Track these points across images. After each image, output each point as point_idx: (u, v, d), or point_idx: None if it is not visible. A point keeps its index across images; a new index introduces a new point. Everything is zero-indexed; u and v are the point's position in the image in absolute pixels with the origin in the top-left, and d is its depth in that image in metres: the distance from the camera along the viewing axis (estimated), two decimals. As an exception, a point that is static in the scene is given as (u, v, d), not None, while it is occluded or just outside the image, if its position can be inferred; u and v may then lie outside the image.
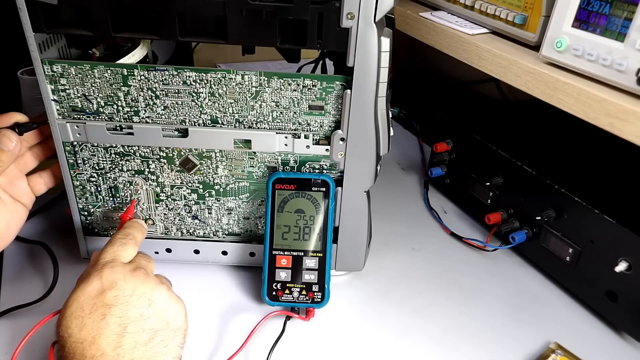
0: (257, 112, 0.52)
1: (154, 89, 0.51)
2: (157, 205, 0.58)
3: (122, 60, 0.51)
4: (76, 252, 0.61)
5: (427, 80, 1.08)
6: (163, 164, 0.55)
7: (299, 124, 0.53)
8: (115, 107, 0.52)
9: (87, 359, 0.39)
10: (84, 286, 0.42)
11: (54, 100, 0.51)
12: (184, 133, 0.53)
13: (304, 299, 0.55)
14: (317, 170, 0.56)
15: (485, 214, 0.67)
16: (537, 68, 0.54)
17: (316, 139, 0.54)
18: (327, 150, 0.54)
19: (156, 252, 0.60)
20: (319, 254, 0.55)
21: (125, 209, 0.55)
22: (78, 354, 0.39)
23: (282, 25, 0.47)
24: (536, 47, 0.57)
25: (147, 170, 0.55)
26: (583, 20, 0.50)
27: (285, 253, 0.56)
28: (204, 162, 0.55)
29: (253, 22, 0.47)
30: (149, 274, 0.46)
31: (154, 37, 0.48)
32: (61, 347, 0.40)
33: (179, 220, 0.58)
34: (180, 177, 0.56)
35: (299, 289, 0.55)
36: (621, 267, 0.54)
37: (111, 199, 0.57)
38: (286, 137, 0.53)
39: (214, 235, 0.60)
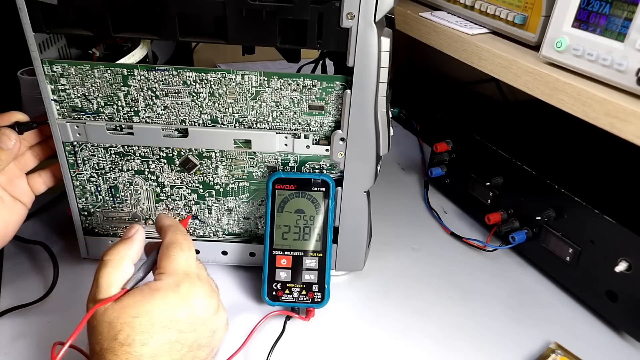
0: (257, 112, 0.52)
1: (154, 89, 0.51)
2: (157, 205, 0.58)
3: (122, 60, 0.51)
4: (76, 252, 0.61)
5: (427, 80, 1.08)
6: (163, 164, 0.55)
7: (299, 124, 0.53)
8: (115, 107, 0.52)
9: None
10: (162, 298, 0.40)
11: (54, 100, 0.51)
12: (184, 133, 0.53)
13: (304, 299, 0.55)
14: (317, 170, 0.56)
15: (485, 214, 0.67)
16: (537, 68, 0.54)
17: (316, 139, 0.54)
18: (327, 150, 0.54)
19: (156, 252, 0.60)
20: (319, 254, 0.55)
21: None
22: None
23: (282, 25, 0.47)
24: (536, 47, 0.57)
25: (147, 170, 0.55)
26: (583, 20, 0.50)
27: (285, 253, 0.56)
28: (204, 162, 0.55)
29: (253, 22, 0.47)
30: (220, 302, 0.45)
31: (154, 37, 0.48)
32: (106, 348, 0.38)
33: (179, 220, 0.58)
34: (180, 177, 0.56)
35: (299, 289, 0.55)
36: (621, 267, 0.54)
37: (111, 199, 0.57)
38: (286, 137, 0.53)
39: (214, 235, 0.60)
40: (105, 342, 0.38)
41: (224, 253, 0.61)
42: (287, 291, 0.55)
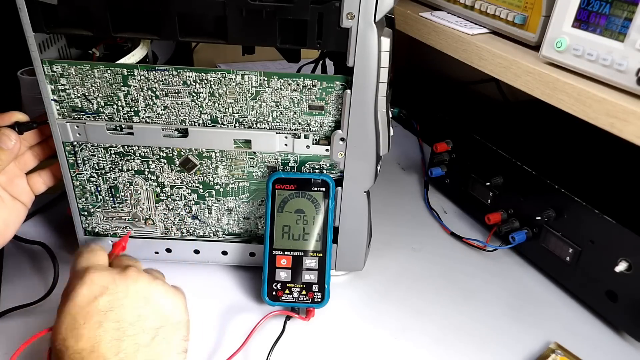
0: (257, 112, 0.52)
1: (154, 89, 0.51)
2: (157, 205, 0.58)
3: (122, 60, 0.51)
4: (76, 252, 0.61)
5: (427, 80, 1.08)
6: (163, 164, 0.55)
7: (299, 124, 0.53)
8: (115, 107, 0.52)
9: None
10: (73, 297, 0.40)
11: (54, 100, 0.51)
12: (184, 133, 0.53)
13: (304, 299, 0.55)
14: (317, 170, 0.56)
15: (485, 214, 0.67)
16: (537, 68, 0.54)
17: (316, 139, 0.54)
18: (327, 150, 0.54)
19: (156, 252, 0.60)
20: (319, 254, 0.55)
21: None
22: None
23: (282, 25, 0.47)
24: (536, 47, 0.57)
25: (147, 170, 0.55)
26: (583, 20, 0.50)
27: (285, 253, 0.56)
28: (204, 162, 0.55)
29: (253, 22, 0.47)
30: (140, 271, 0.44)
31: (154, 37, 0.48)
32: (59, 359, 0.39)
33: (179, 220, 0.58)
34: (180, 177, 0.56)
35: (299, 289, 0.55)
36: (621, 267, 0.54)
37: (111, 199, 0.57)
38: (286, 137, 0.53)
39: (214, 235, 0.60)
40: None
41: (224, 253, 0.61)
42: (287, 291, 0.55)
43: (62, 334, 0.39)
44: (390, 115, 0.54)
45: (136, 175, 0.56)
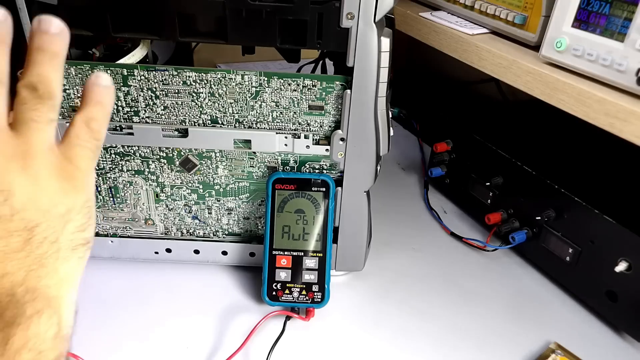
0: (257, 112, 0.52)
1: (154, 89, 0.51)
2: (157, 205, 0.58)
3: (122, 61, 0.51)
4: (76, 252, 0.61)
5: (427, 80, 1.08)
6: (163, 164, 0.55)
7: (299, 124, 0.53)
8: (115, 107, 0.52)
9: None
10: None
11: (54, 100, 0.51)
12: (184, 133, 0.53)
13: (304, 299, 0.55)
14: (317, 170, 0.56)
15: (485, 214, 0.67)
16: (537, 68, 0.54)
17: (316, 139, 0.54)
18: (327, 150, 0.54)
19: (156, 252, 0.60)
20: (319, 254, 0.55)
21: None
22: None
23: (282, 25, 0.47)
24: (536, 47, 0.57)
25: (147, 170, 0.55)
26: (583, 20, 0.50)
27: (285, 253, 0.56)
28: (204, 162, 0.55)
29: (253, 22, 0.47)
30: (29, 134, 0.31)
31: (154, 37, 0.48)
32: None
33: (179, 220, 0.58)
34: (180, 177, 0.56)
35: (299, 289, 0.55)
36: (621, 267, 0.54)
37: (111, 199, 0.57)
38: (286, 137, 0.53)
39: (214, 235, 0.60)
40: None
41: (224, 253, 0.61)
42: (287, 291, 0.55)
43: None
44: (390, 115, 0.54)
45: (136, 175, 0.56)
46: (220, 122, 0.53)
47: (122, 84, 0.50)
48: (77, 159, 0.33)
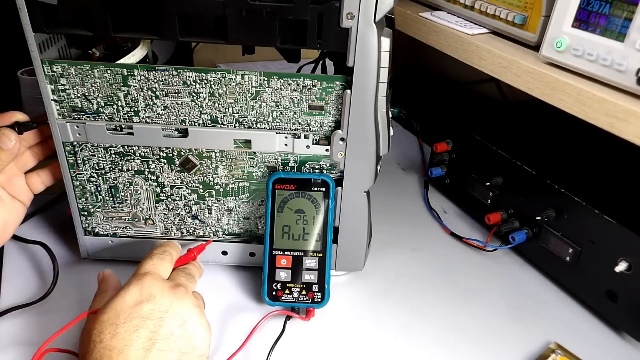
0: (257, 112, 0.52)
1: (154, 89, 0.51)
2: (157, 205, 0.58)
3: (122, 60, 0.51)
4: (76, 252, 0.61)
5: (427, 80, 1.08)
6: (163, 164, 0.55)
7: (299, 124, 0.53)
8: (115, 107, 0.52)
9: None
10: (123, 294, 0.42)
11: (54, 100, 0.51)
12: (184, 133, 0.53)
13: (304, 299, 0.55)
14: (317, 170, 0.56)
15: (485, 214, 0.67)
16: (537, 68, 0.54)
17: (316, 139, 0.54)
18: (327, 150, 0.54)
19: (156, 252, 0.60)
20: (319, 254, 0.55)
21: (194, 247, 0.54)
22: None
23: (282, 25, 0.47)
24: (536, 47, 0.57)
25: (147, 170, 0.55)
26: (583, 20, 0.50)
27: (285, 253, 0.56)
28: (204, 162, 0.55)
29: (253, 22, 0.47)
30: (188, 292, 0.46)
31: (154, 37, 0.48)
32: (88, 350, 0.40)
33: (179, 220, 0.58)
34: (180, 177, 0.56)
35: (299, 289, 0.55)
36: (621, 267, 0.54)
37: (111, 199, 0.57)
38: (286, 137, 0.53)
39: (214, 235, 0.60)
40: (84, 346, 0.41)
41: (224, 253, 0.61)
42: (287, 291, 0.55)
43: (101, 324, 0.41)
44: (390, 115, 0.54)
45: (136, 175, 0.56)
46: (220, 122, 0.53)
47: (122, 84, 0.50)
48: None
